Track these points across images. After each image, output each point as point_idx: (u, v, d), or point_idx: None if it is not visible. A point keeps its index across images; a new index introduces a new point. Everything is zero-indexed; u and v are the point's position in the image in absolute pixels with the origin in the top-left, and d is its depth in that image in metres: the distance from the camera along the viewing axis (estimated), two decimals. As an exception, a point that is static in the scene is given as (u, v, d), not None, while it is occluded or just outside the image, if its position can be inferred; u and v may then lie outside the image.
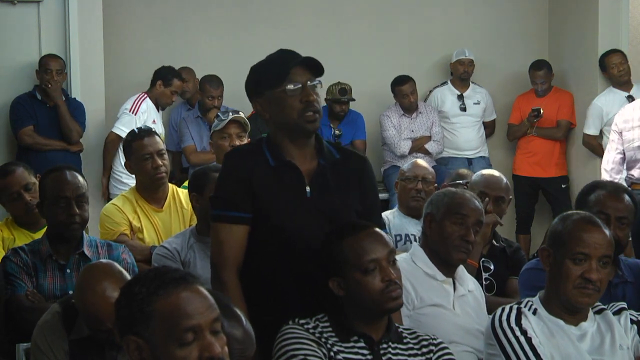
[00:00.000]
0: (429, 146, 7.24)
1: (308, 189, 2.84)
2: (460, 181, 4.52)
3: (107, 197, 6.29)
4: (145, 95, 6.50)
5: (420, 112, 7.31)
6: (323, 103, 6.80)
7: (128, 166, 4.38)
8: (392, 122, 7.24)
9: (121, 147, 6.39)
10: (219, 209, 2.86)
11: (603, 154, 7.12)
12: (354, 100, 7.10)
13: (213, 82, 6.87)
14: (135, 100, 6.43)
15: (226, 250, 2.84)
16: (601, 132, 7.17)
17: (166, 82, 6.52)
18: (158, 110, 6.57)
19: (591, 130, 7.16)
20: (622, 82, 7.06)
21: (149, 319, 1.93)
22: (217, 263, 2.87)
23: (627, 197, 3.36)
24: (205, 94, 6.85)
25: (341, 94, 7.01)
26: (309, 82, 2.80)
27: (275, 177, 2.83)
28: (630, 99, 6.98)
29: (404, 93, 7.20)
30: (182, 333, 1.91)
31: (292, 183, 2.83)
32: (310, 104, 2.78)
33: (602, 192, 3.38)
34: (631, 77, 7.11)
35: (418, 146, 7.22)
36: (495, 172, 4.22)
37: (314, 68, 2.82)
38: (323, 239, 2.73)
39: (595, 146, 7.21)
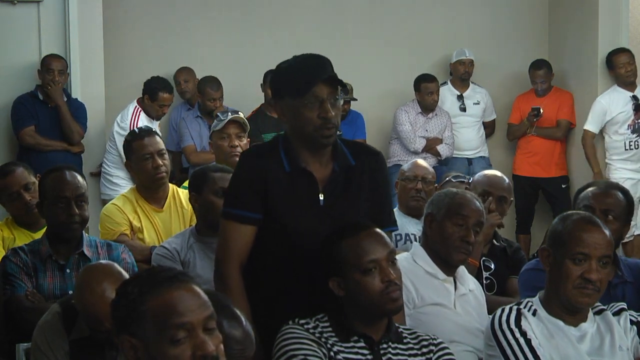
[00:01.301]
0: (441, 148, 7.26)
1: (322, 196, 2.83)
2: (453, 179, 4.55)
3: None
4: (139, 110, 6.46)
5: (435, 114, 7.33)
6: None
7: (128, 166, 4.38)
8: (409, 117, 7.26)
9: (108, 148, 6.46)
10: (230, 206, 2.87)
11: (592, 154, 7.04)
12: (355, 100, 7.10)
13: (213, 84, 6.84)
14: (131, 121, 6.38)
15: (231, 247, 2.85)
16: (601, 131, 7.16)
17: (153, 97, 6.45)
18: (154, 120, 6.54)
19: (591, 126, 7.11)
20: (628, 83, 7.05)
21: (142, 318, 1.93)
22: (221, 258, 2.88)
23: (617, 193, 3.37)
24: (205, 97, 6.82)
25: (344, 93, 6.99)
26: (329, 98, 2.77)
27: (290, 183, 2.82)
28: (635, 99, 6.98)
29: (430, 90, 7.22)
30: (174, 331, 1.91)
31: (306, 190, 2.83)
32: (328, 120, 2.76)
33: (592, 188, 3.40)
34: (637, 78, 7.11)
35: (431, 146, 7.24)
36: (498, 172, 4.24)
37: (337, 84, 2.80)
38: (323, 239, 2.73)
39: (589, 145, 7.12)
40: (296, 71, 2.81)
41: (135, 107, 6.48)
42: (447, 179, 4.60)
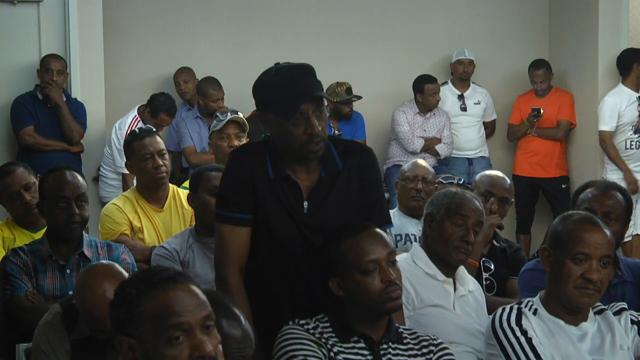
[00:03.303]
0: (439, 148, 7.26)
1: (306, 204, 2.81)
2: (443, 180, 4.56)
3: None
4: (138, 119, 6.44)
5: (433, 114, 7.33)
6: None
7: (129, 166, 4.38)
8: (407, 118, 7.26)
9: (105, 152, 6.45)
10: (222, 209, 2.85)
11: (616, 154, 7.01)
12: (360, 97, 7.09)
13: (214, 85, 6.83)
14: (127, 130, 6.37)
15: (229, 251, 2.83)
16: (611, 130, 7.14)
17: (153, 113, 6.41)
18: None
19: (606, 126, 7.03)
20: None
21: (139, 319, 1.93)
22: (220, 263, 2.86)
23: (617, 194, 3.37)
24: (209, 99, 6.80)
25: (348, 93, 7.00)
26: (314, 112, 2.72)
27: (274, 190, 2.80)
28: None
29: (434, 91, 7.23)
30: (171, 331, 1.91)
31: (290, 198, 2.80)
32: (315, 135, 2.73)
33: (591, 189, 3.39)
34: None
35: (429, 146, 7.24)
36: (500, 173, 4.26)
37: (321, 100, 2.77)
38: (322, 239, 2.73)
39: (609, 145, 7.04)
40: (281, 90, 2.73)
41: (135, 116, 6.47)
42: (438, 180, 4.61)
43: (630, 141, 7.00)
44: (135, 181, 5.96)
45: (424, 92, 7.23)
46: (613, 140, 7.07)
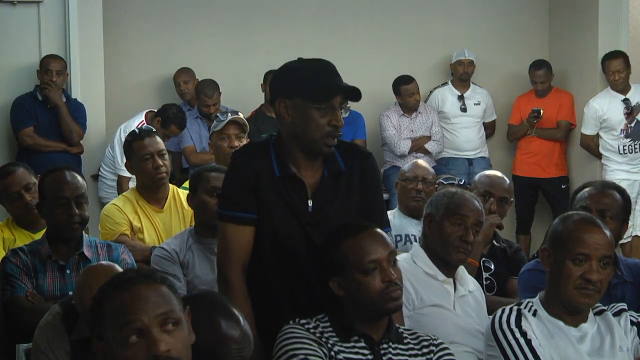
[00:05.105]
0: (429, 146, 7.24)
1: (310, 202, 2.82)
2: (443, 181, 4.57)
3: None
4: (143, 123, 6.43)
5: (419, 112, 7.30)
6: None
7: (129, 166, 4.39)
8: (391, 122, 7.24)
9: (107, 152, 6.43)
10: (226, 208, 2.85)
11: (599, 155, 7.13)
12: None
13: (208, 89, 6.77)
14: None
15: (232, 250, 2.83)
16: (598, 133, 7.17)
17: (164, 124, 6.33)
18: None
19: (587, 130, 7.16)
20: (619, 90, 7.04)
21: (102, 321, 1.95)
22: (223, 262, 2.86)
23: (614, 193, 3.37)
24: (201, 103, 6.81)
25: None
26: (339, 106, 2.78)
27: (279, 188, 2.81)
28: (627, 101, 6.98)
29: (411, 92, 7.19)
30: (124, 331, 1.90)
31: (295, 197, 2.81)
32: (337, 129, 2.76)
33: (589, 189, 3.39)
34: (629, 80, 7.06)
35: (418, 146, 7.21)
36: (499, 173, 4.27)
37: (352, 95, 2.80)
38: (323, 239, 2.73)
39: (592, 146, 7.21)
40: (317, 76, 2.77)
41: (142, 121, 6.44)
42: (438, 181, 4.61)
43: (624, 146, 6.99)
44: (129, 185, 5.99)
45: (401, 94, 7.22)
46: (605, 143, 7.08)
